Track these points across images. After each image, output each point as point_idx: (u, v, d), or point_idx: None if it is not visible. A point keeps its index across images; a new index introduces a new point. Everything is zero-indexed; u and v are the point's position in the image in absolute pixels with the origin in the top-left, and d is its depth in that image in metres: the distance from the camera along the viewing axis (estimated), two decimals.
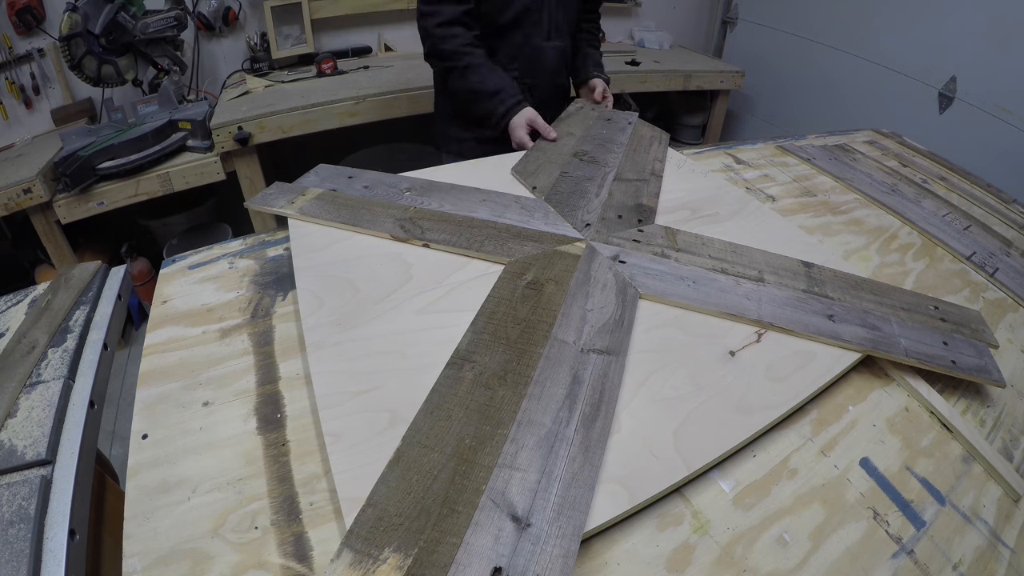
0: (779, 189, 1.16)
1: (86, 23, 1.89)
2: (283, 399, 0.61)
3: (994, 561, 0.53)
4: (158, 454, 0.54)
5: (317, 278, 0.73)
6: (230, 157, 1.99)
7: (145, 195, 1.88)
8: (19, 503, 0.49)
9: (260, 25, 2.43)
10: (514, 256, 0.78)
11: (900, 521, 0.55)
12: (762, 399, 0.61)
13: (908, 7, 2.41)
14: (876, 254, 0.98)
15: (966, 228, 1.12)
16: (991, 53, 2.13)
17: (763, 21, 3.20)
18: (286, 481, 0.52)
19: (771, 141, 1.41)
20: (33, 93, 2.14)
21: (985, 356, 0.72)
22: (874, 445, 0.62)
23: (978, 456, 0.63)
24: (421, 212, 0.87)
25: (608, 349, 0.63)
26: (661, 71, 2.77)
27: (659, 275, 0.77)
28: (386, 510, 0.46)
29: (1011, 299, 0.93)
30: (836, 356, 0.68)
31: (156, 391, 0.61)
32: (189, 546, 0.47)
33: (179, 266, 0.82)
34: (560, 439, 0.53)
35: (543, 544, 0.44)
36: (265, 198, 0.89)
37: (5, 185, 1.68)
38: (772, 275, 0.80)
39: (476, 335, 0.64)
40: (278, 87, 2.26)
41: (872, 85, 2.61)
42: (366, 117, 2.12)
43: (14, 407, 0.58)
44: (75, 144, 1.83)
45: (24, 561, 0.45)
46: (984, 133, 2.19)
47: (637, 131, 1.26)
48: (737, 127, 3.47)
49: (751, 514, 0.53)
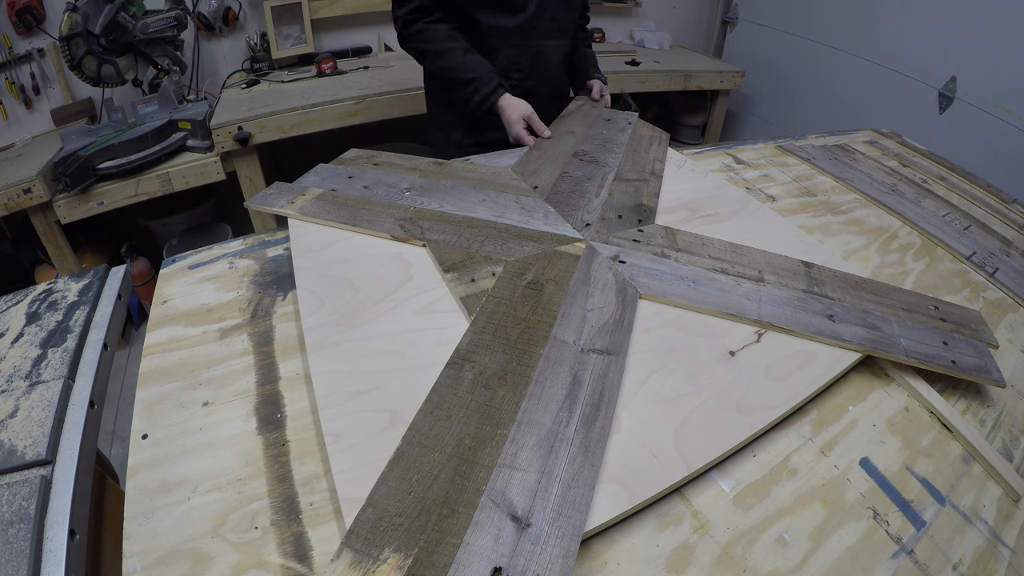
0: (779, 189, 1.16)
1: (86, 23, 1.89)
2: (283, 399, 0.61)
3: (994, 561, 0.53)
4: (158, 454, 0.54)
5: (317, 278, 0.73)
6: (230, 157, 1.99)
7: (145, 195, 1.88)
8: (19, 503, 0.49)
9: (260, 25, 2.43)
10: (514, 256, 0.78)
11: (900, 521, 0.55)
12: (762, 399, 0.61)
13: (908, 7, 2.41)
14: (876, 254, 0.98)
15: (966, 228, 1.12)
16: (991, 53, 2.13)
17: (763, 21, 3.20)
18: (286, 481, 0.52)
19: (771, 141, 1.41)
20: (33, 93, 2.14)
21: (985, 356, 0.72)
22: (874, 445, 0.62)
23: (978, 456, 0.63)
24: (421, 212, 0.87)
25: (608, 349, 0.63)
26: (661, 71, 2.77)
27: (659, 275, 0.77)
28: (386, 510, 0.46)
29: (1011, 299, 0.93)
30: (836, 356, 0.68)
31: (156, 391, 0.61)
32: (189, 546, 0.47)
33: (179, 266, 0.82)
34: (560, 439, 0.53)
35: (543, 544, 0.44)
36: (265, 198, 0.89)
37: (5, 185, 1.68)
38: (772, 275, 0.80)
39: (476, 335, 0.64)
40: (278, 87, 2.26)
41: (872, 85, 2.61)
42: (366, 117, 2.12)
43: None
44: (75, 144, 1.83)
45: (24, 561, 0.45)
46: (984, 133, 2.19)
47: (637, 131, 1.26)
48: (737, 127, 3.47)
49: (751, 514, 0.53)
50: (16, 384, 0.61)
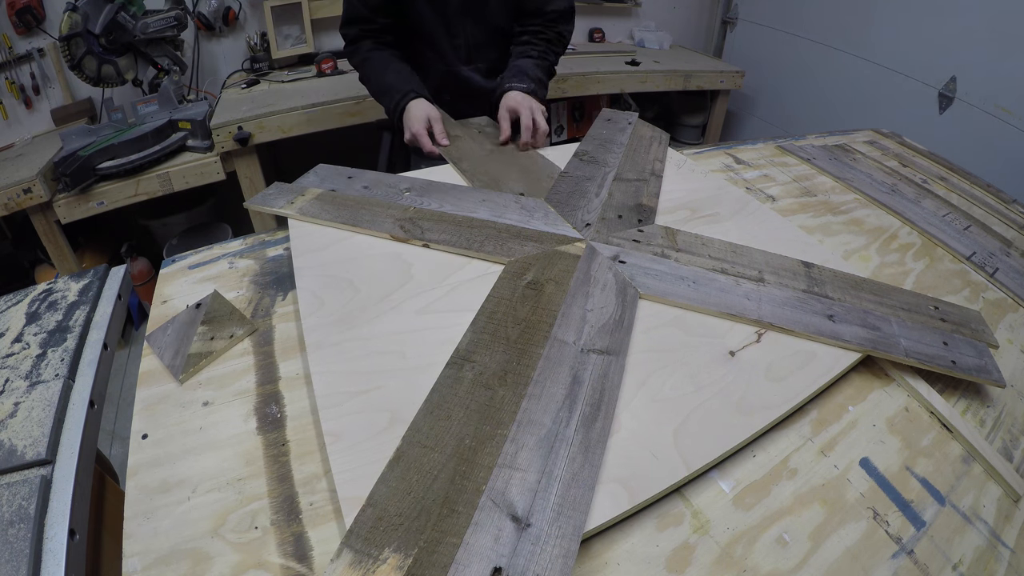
0: (779, 189, 1.16)
1: (86, 23, 1.89)
2: (283, 399, 0.61)
3: (994, 561, 0.53)
4: (158, 454, 0.54)
5: (317, 278, 0.73)
6: (230, 157, 1.99)
7: (145, 195, 1.88)
8: (19, 503, 0.49)
9: (260, 25, 2.43)
10: (514, 256, 0.78)
11: (900, 521, 0.55)
12: (762, 399, 0.61)
13: (908, 7, 2.41)
14: (876, 254, 0.98)
15: (966, 228, 1.12)
16: (991, 53, 2.13)
17: (763, 21, 3.19)
18: (286, 481, 0.52)
19: (771, 141, 1.41)
20: (33, 93, 2.14)
21: (985, 356, 0.72)
22: (874, 445, 0.62)
23: (978, 456, 0.63)
24: (421, 212, 0.87)
25: (608, 349, 0.63)
26: (661, 71, 2.77)
27: (659, 275, 0.77)
28: (386, 510, 0.46)
29: (1011, 299, 0.93)
30: (836, 356, 0.68)
31: (156, 391, 0.61)
32: (189, 546, 0.47)
33: (179, 266, 0.82)
34: (560, 439, 0.53)
35: (543, 544, 0.44)
36: (265, 198, 0.89)
37: (5, 185, 1.68)
38: (772, 275, 0.80)
39: (476, 335, 0.64)
40: (278, 87, 2.26)
41: (872, 85, 2.61)
42: (366, 117, 2.12)
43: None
44: (75, 144, 1.83)
45: (24, 561, 0.45)
46: (984, 133, 2.19)
47: (637, 131, 1.26)
48: (737, 127, 3.47)
49: (751, 514, 0.53)
50: (16, 384, 0.61)
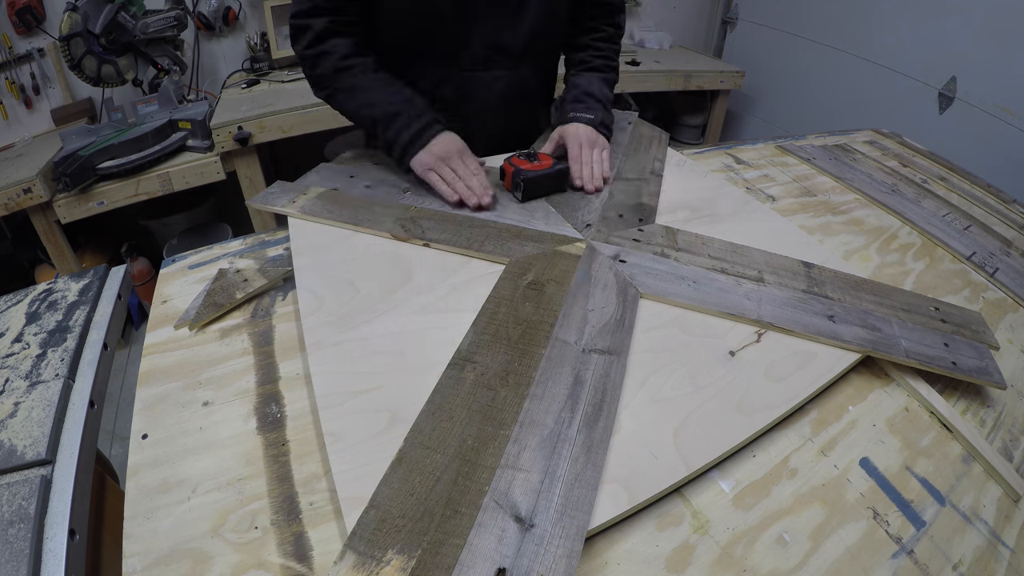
0: (779, 189, 1.16)
1: (86, 23, 1.89)
2: (283, 399, 0.61)
3: (994, 561, 0.53)
4: (158, 454, 0.54)
5: (317, 278, 0.73)
6: (230, 157, 1.99)
7: (145, 195, 1.88)
8: (19, 503, 0.49)
9: (260, 25, 2.43)
10: (515, 256, 0.78)
11: (900, 521, 0.55)
12: (762, 399, 0.61)
13: (908, 7, 2.41)
14: (876, 254, 0.98)
15: (966, 228, 1.12)
16: (991, 53, 2.13)
17: (763, 21, 3.19)
18: (286, 481, 0.52)
19: (771, 141, 1.41)
20: (33, 93, 2.13)
21: (986, 358, 0.72)
22: (874, 445, 0.62)
23: (978, 456, 0.63)
24: (422, 211, 0.87)
25: (609, 349, 0.63)
26: (661, 71, 2.77)
27: (659, 275, 0.77)
28: (389, 511, 0.46)
29: (1011, 299, 0.93)
30: (836, 356, 0.68)
31: (156, 391, 0.61)
32: (189, 546, 0.47)
33: (179, 266, 0.82)
34: (563, 439, 0.53)
35: (547, 545, 0.44)
36: (267, 197, 0.89)
37: (5, 185, 1.68)
38: (772, 275, 0.80)
39: (477, 336, 0.64)
40: (278, 87, 2.26)
41: (872, 85, 2.61)
42: None
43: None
44: (75, 144, 1.83)
45: (24, 561, 0.45)
46: (984, 133, 2.19)
47: (637, 131, 1.26)
48: (737, 127, 3.47)
49: (751, 514, 0.53)
50: (16, 384, 0.61)
